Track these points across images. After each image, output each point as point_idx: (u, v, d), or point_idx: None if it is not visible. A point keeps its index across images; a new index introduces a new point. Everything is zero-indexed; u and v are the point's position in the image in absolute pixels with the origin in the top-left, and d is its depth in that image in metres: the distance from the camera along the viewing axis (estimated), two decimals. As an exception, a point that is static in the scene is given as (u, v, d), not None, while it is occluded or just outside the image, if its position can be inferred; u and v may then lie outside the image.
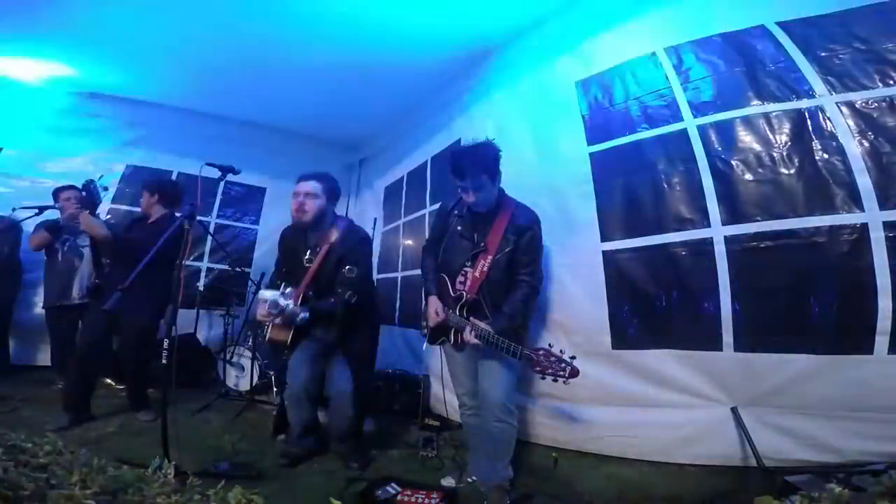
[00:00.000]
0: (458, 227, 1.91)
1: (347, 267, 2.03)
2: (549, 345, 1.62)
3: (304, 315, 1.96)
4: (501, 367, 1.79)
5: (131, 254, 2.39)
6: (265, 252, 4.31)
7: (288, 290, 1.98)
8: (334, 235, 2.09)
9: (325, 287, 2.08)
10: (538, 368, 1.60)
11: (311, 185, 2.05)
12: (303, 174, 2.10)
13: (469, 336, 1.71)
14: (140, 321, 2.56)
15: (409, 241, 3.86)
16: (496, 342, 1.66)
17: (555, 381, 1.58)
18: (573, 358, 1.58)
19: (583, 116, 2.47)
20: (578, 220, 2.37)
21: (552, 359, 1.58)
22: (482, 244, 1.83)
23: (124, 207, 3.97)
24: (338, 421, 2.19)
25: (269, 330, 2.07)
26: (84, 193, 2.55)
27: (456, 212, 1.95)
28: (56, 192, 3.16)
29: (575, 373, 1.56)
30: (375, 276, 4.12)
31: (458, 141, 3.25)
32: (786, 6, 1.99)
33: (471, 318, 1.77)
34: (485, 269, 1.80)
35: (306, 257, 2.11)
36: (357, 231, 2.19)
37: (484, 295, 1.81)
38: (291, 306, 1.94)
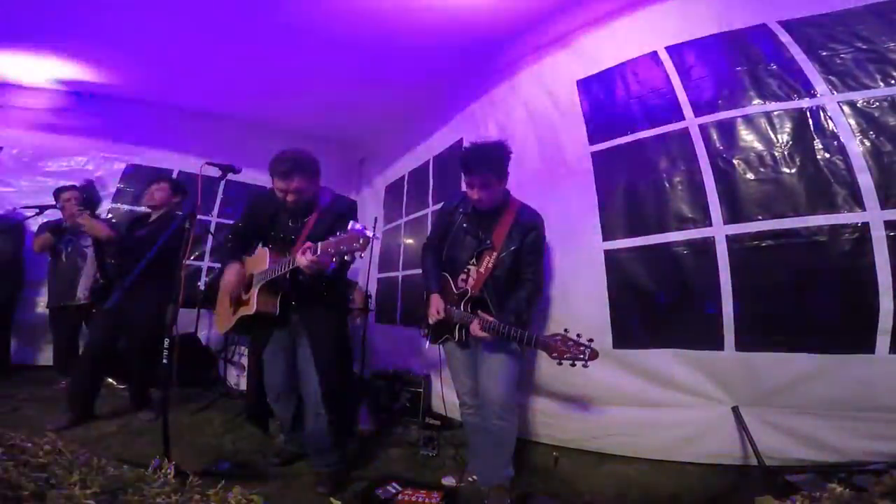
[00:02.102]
0: (464, 225, 1.92)
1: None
2: (565, 330, 1.61)
3: (332, 266, 1.71)
4: (503, 364, 1.79)
5: (137, 252, 2.36)
6: (265, 251, 4.31)
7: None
8: (323, 201, 1.99)
9: None
10: (555, 354, 1.58)
11: (300, 183, 1.86)
12: (279, 167, 1.83)
13: (477, 330, 1.70)
14: (149, 319, 2.53)
15: (411, 241, 3.86)
16: (507, 332, 1.65)
17: (573, 365, 1.56)
18: (591, 340, 1.57)
19: (584, 115, 2.46)
20: (580, 220, 2.36)
21: (570, 343, 1.57)
22: (488, 241, 1.83)
23: (125, 207, 3.97)
24: (310, 424, 1.95)
25: (254, 300, 1.84)
26: (84, 194, 2.53)
27: (461, 209, 1.96)
28: (57, 193, 3.16)
29: (595, 355, 1.55)
30: (376, 275, 4.14)
31: (461, 140, 3.24)
32: (787, 5, 1.99)
33: (479, 312, 1.77)
34: (490, 265, 1.81)
35: (290, 223, 1.97)
36: (344, 198, 2.09)
37: (488, 292, 1.82)
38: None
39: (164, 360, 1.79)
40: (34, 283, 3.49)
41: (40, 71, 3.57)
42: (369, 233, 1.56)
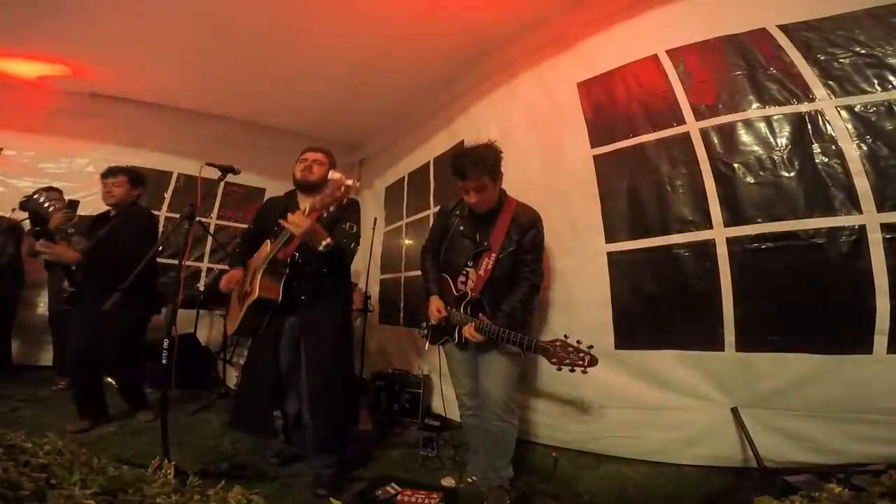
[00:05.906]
0: (461, 227, 1.92)
1: (348, 224, 2.01)
2: (565, 336, 1.61)
3: (327, 241, 1.78)
4: (503, 365, 1.79)
5: (101, 252, 2.35)
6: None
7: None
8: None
9: None
10: (554, 360, 1.58)
11: (319, 155, 2.18)
12: (310, 146, 2.22)
13: (471, 332, 1.71)
14: (125, 321, 2.48)
15: (412, 242, 3.87)
16: (507, 336, 1.64)
17: (572, 370, 1.56)
18: (590, 347, 1.57)
19: (586, 118, 2.47)
20: (583, 222, 2.37)
21: (569, 349, 1.57)
22: (485, 243, 1.84)
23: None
24: (315, 424, 1.92)
25: (257, 285, 1.85)
26: (27, 215, 2.37)
27: (457, 212, 1.96)
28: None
29: (594, 361, 1.55)
30: (379, 276, 4.13)
31: (462, 142, 3.25)
32: (787, 9, 2.01)
33: (480, 315, 1.77)
34: (489, 267, 1.81)
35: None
36: (351, 197, 2.23)
37: (487, 294, 1.82)
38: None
39: (164, 361, 1.78)
40: (34, 283, 3.49)
41: (39, 71, 3.56)
42: (349, 181, 1.65)
